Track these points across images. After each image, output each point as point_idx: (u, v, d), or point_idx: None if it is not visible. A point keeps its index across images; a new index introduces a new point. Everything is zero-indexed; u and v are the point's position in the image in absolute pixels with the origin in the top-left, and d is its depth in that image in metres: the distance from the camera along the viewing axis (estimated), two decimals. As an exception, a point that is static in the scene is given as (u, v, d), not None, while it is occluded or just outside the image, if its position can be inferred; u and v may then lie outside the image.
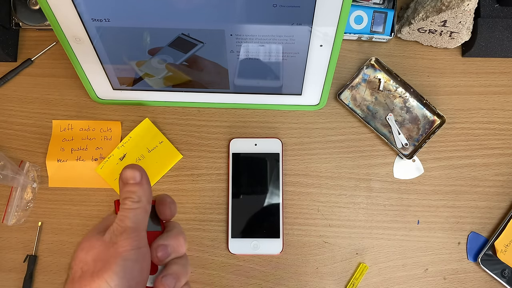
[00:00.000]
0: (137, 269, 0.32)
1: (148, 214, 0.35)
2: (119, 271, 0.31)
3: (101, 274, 0.31)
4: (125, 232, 0.33)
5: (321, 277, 0.59)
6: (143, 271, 0.33)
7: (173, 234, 0.36)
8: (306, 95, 0.61)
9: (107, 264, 0.31)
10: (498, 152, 0.63)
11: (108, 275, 0.31)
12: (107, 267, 0.31)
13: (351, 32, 0.63)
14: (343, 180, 0.62)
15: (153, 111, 0.64)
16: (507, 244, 0.59)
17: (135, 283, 0.32)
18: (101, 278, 0.31)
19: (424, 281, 0.59)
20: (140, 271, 0.32)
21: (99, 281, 0.31)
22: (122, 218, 0.33)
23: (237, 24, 0.49)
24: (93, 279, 0.31)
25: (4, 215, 0.60)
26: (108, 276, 0.31)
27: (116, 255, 0.32)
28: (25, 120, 0.64)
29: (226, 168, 0.62)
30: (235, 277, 0.59)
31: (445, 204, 0.61)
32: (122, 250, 0.32)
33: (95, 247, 0.33)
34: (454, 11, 0.56)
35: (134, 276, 0.32)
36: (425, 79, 0.64)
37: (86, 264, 0.32)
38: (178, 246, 0.36)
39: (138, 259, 0.32)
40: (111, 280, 0.31)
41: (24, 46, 0.66)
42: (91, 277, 0.31)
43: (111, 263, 0.31)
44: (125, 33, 0.51)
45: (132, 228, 0.33)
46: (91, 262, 0.32)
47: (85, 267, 0.32)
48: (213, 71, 0.56)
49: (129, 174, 0.34)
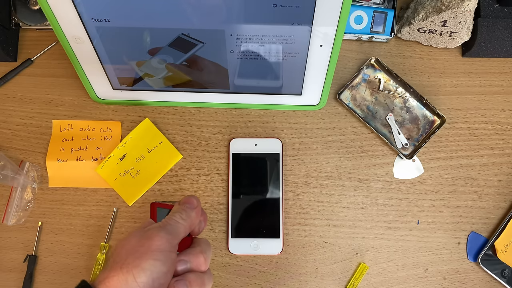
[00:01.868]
0: (164, 271, 0.34)
1: (186, 235, 0.38)
2: (147, 268, 0.32)
3: (131, 269, 0.32)
4: (164, 231, 0.36)
5: (321, 277, 0.59)
6: (167, 274, 0.34)
7: (195, 252, 0.38)
8: (306, 95, 0.61)
9: (137, 259, 0.33)
10: (498, 152, 0.63)
11: (136, 271, 0.32)
12: (137, 263, 0.33)
13: (351, 32, 0.63)
14: (343, 180, 0.62)
15: (153, 111, 0.64)
16: (507, 244, 0.59)
17: (159, 284, 0.33)
18: (129, 272, 0.32)
19: (424, 281, 0.59)
20: (165, 274, 0.34)
21: (127, 274, 0.32)
22: (166, 221, 0.37)
23: (237, 24, 0.49)
24: (122, 271, 0.32)
25: (4, 215, 0.60)
26: (136, 272, 0.32)
27: (148, 252, 0.33)
28: (25, 120, 0.64)
29: (226, 168, 0.62)
30: (235, 277, 0.59)
31: (445, 204, 0.61)
32: (155, 247, 0.34)
33: (130, 242, 0.35)
34: (454, 11, 0.56)
35: (159, 276, 0.33)
36: (425, 79, 0.64)
37: (119, 256, 0.34)
38: (198, 264, 0.38)
39: (167, 262, 0.34)
40: (138, 276, 0.32)
41: (24, 46, 0.66)
42: (121, 268, 0.33)
43: (142, 259, 0.33)
44: (125, 33, 0.51)
45: (170, 231, 0.36)
46: (123, 255, 0.34)
47: (117, 259, 0.34)
48: (213, 71, 0.56)
49: (188, 199, 0.40)
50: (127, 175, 0.61)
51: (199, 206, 0.40)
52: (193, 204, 0.40)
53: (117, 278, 0.32)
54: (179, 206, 0.39)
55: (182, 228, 0.38)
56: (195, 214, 0.39)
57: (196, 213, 0.40)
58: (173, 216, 0.38)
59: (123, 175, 0.61)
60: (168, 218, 0.38)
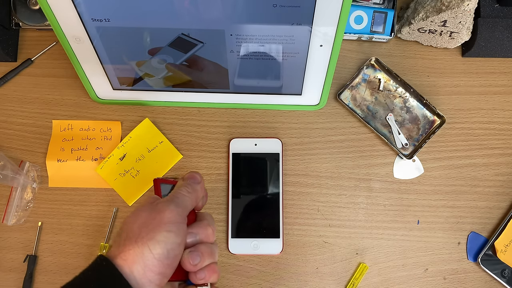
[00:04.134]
0: (177, 242, 0.35)
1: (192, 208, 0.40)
2: (161, 240, 0.34)
3: (145, 241, 0.33)
4: (173, 204, 0.37)
5: (321, 277, 0.59)
6: (180, 245, 0.36)
7: (203, 225, 0.40)
8: (306, 95, 0.61)
9: (151, 232, 0.34)
10: (498, 152, 0.63)
11: (152, 243, 0.33)
12: (151, 235, 0.34)
13: (351, 32, 0.63)
14: (343, 180, 0.62)
15: (153, 111, 0.64)
16: (507, 244, 0.59)
17: (174, 255, 0.35)
18: (145, 244, 0.33)
19: (424, 281, 0.59)
20: (178, 245, 0.35)
21: (143, 247, 0.33)
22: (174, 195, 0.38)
23: (237, 24, 0.49)
24: (137, 244, 0.33)
25: (4, 215, 0.60)
26: (151, 244, 0.33)
27: (161, 224, 0.34)
28: (25, 120, 0.64)
29: (226, 168, 0.62)
30: (235, 277, 0.59)
31: (445, 204, 0.61)
32: (167, 220, 0.35)
33: (141, 217, 0.36)
34: (454, 11, 0.56)
35: (173, 247, 0.34)
36: (425, 79, 0.64)
37: (132, 231, 0.35)
38: (206, 236, 0.39)
39: (180, 233, 0.35)
40: (153, 248, 0.33)
41: (24, 46, 0.66)
42: (136, 242, 0.33)
43: (156, 231, 0.34)
44: (125, 33, 0.51)
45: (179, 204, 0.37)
46: (136, 229, 0.35)
47: (130, 234, 0.34)
48: (213, 71, 0.56)
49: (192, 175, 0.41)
50: (127, 175, 0.61)
51: (202, 181, 0.42)
52: (197, 179, 0.41)
53: (133, 252, 0.33)
54: (183, 181, 0.41)
55: (189, 201, 0.39)
56: (200, 188, 0.41)
57: (201, 187, 0.41)
58: (179, 190, 0.39)
59: (123, 175, 0.61)
60: (175, 192, 0.39)
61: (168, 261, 0.34)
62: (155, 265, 0.33)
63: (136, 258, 0.33)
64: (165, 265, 0.34)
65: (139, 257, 0.33)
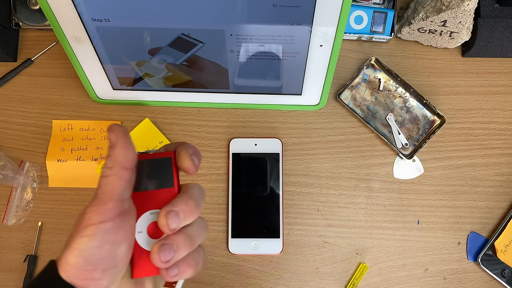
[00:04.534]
0: (95, 245, 0.30)
1: (126, 181, 0.31)
2: (75, 248, 0.30)
3: (65, 250, 0.30)
4: (93, 201, 0.31)
5: (321, 277, 0.59)
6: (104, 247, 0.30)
7: (182, 199, 0.33)
8: (306, 95, 0.61)
9: (70, 239, 0.30)
10: (498, 152, 0.63)
11: (67, 253, 0.30)
12: (69, 243, 0.30)
13: (351, 32, 0.63)
14: (343, 180, 0.62)
15: (153, 111, 0.64)
16: (507, 244, 0.59)
17: (97, 259, 0.30)
18: (64, 252, 0.30)
19: (424, 281, 0.59)
20: (99, 248, 0.30)
21: (63, 255, 0.30)
22: (98, 188, 0.31)
23: (237, 24, 0.49)
24: (62, 253, 0.30)
25: (4, 215, 0.60)
26: (67, 253, 0.30)
27: (78, 230, 0.30)
28: (25, 120, 0.64)
29: (226, 168, 0.62)
30: (235, 277, 0.59)
31: (445, 204, 0.61)
32: (84, 224, 0.30)
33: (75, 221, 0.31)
34: (454, 11, 0.56)
35: (93, 252, 0.30)
36: (425, 79, 0.64)
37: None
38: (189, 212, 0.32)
39: (96, 235, 0.30)
40: (68, 257, 0.30)
41: (24, 46, 0.66)
42: (62, 250, 0.31)
43: (72, 239, 0.30)
44: (125, 33, 0.51)
45: (97, 195, 0.31)
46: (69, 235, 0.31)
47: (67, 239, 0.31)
48: (213, 71, 0.56)
49: (109, 135, 0.31)
50: (127, 175, 0.61)
51: (119, 138, 0.31)
52: (111, 142, 0.31)
53: (60, 260, 0.30)
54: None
55: (112, 180, 0.31)
56: (119, 152, 0.31)
57: (121, 147, 0.31)
58: (101, 173, 0.31)
59: (123, 175, 0.61)
60: (99, 180, 0.31)
61: (91, 267, 0.30)
62: (77, 273, 0.30)
63: (62, 266, 0.30)
64: (88, 270, 0.30)
65: (64, 265, 0.30)
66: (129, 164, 0.31)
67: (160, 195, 0.33)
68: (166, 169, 0.34)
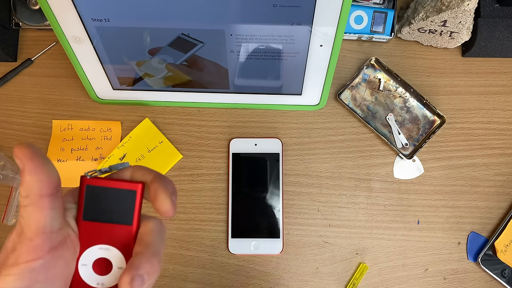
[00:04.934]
0: (25, 286, 0.26)
1: (50, 210, 0.26)
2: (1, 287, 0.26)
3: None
4: (20, 237, 0.26)
5: (321, 277, 0.59)
6: (34, 285, 0.26)
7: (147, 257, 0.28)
8: (306, 95, 0.61)
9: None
10: (498, 152, 0.63)
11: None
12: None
13: (351, 32, 0.63)
14: (343, 180, 0.62)
15: (153, 111, 0.64)
16: (507, 244, 0.59)
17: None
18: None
19: (424, 281, 0.59)
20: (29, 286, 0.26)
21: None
22: (19, 218, 0.27)
23: (237, 24, 0.49)
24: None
25: (4, 215, 0.60)
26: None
27: (4, 267, 0.26)
28: (25, 120, 0.64)
29: (226, 168, 0.62)
30: (235, 277, 0.59)
31: (445, 204, 0.61)
32: (11, 262, 0.26)
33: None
34: (454, 11, 0.56)
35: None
36: (425, 79, 0.64)
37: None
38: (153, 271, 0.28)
39: (26, 273, 0.26)
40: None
41: (24, 46, 0.66)
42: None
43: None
44: (125, 33, 0.51)
45: (25, 233, 0.26)
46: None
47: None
48: (213, 71, 0.56)
49: (15, 160, 0.26)
50: (127, 175, 0.61)
51: (29, 162, 0.26)
52: (19, 165, 0.26)
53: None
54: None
55: (31, 211, 0.26)
56: (32, 179, 0.26)
57: (30, 173, 0.26)
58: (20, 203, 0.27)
59: (123, 175, 0.61)
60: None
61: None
62: None
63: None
64: None
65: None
66: (46, 190, 0.26)
67: (114, 231, 0.29)
68: (127, 203, 0.29)
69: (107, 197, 0.29)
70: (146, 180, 0.30)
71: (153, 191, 0.29)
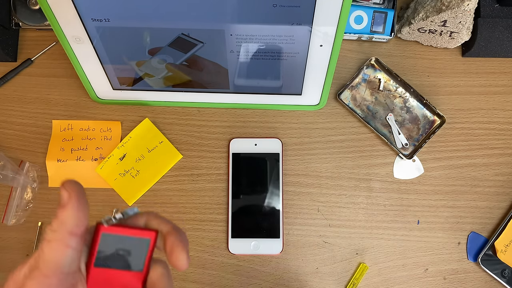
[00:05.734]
0: None
1: (73, 250, 0.26)
2: None
3: None
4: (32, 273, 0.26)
5: (321, 277, 0.59)
6: None
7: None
8: (306, 95, 0.61)
9: None
10: (498, 152, 0.63)
11: None
12: None
13: (351, 32, 0.63)
14: (343, 180, 0.62)
15: (153, 111, 0.64)
16: (507, 244, 0.59)
17: None
18: None
19: (424, 281, 0.59)
20: None
21: None
22: (39, 252, 0.26)
23: (237, 24, 0.49)
24: None
25: (4, 215, 0.60)
26: None
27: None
28: (25, 120, 0.64)
29: (226, 168, 0.62)
30: (235, 277, 0.59)
31: (445, 204, 0.61)
32: None
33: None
34: (454, 11, 0.56)
35: None
36: (425, 79, 0.64)
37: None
38: None
39: None
40: None
41: (24, 46, 0.66)
42: None
43: None
44: (125, 33, 0.51)
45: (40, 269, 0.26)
46: None
47: None
48: (213, 71, 0.56)
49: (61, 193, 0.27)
50: (127, 175, 0.61)
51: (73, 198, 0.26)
52: (63, 198, 0.26)
53: None
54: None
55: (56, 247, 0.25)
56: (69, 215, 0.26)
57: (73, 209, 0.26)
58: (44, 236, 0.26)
59: (123, 175, 0.61)
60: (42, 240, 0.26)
61: None
62: None
63: None
64: None
65: None
66: (78, 230, 0.26)
67: (124, 277, 0.29)
68: (140, 250, 0.29)
69: (121, 244, 0.29)
70: (162, 229, 0.29)
71: (170, 244, 0.29)
